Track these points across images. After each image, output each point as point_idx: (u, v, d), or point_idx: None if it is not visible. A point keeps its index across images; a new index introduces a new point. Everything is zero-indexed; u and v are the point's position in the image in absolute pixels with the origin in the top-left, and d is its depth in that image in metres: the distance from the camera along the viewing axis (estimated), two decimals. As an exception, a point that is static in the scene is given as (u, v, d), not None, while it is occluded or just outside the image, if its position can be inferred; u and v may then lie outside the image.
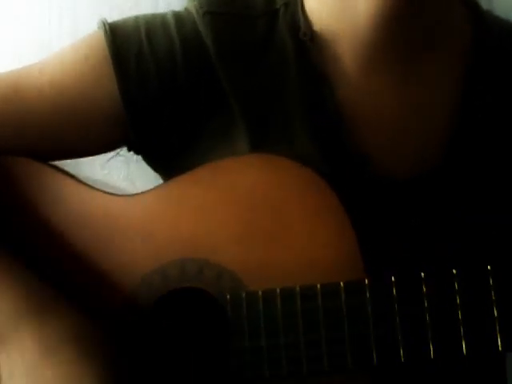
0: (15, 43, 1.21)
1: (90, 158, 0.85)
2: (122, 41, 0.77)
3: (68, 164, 0.82)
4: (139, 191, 0.77)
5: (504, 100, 0.77)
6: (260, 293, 0.67)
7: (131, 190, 0.79)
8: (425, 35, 0.75)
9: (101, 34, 0.78)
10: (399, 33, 0.73)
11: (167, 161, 0.81)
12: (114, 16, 0.81)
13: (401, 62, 0.75)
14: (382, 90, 0.76)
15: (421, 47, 0.76)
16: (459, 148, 0.75)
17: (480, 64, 0.77)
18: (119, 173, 1.15)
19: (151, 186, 0.77)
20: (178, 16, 0.79)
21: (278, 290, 0.67)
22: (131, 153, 0.84)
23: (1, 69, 0.78)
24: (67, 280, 0.73)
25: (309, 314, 0.66)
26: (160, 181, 0.83)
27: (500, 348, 0.62)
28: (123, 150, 0.85)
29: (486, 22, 0.79)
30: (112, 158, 0.87)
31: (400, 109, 0.76)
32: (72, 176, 0.78)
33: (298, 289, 0.66)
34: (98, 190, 0.76)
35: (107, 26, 0.78)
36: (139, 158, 0.85)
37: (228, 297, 0.68)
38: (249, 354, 0.67)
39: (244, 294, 0.68)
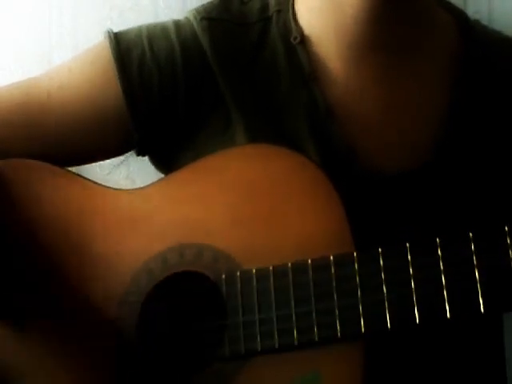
0: (15, 43, 1.21)
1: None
2: (125, 45, 0.81)
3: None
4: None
5: (494, 102, 0.80)
6: (254, 270, 0.70)
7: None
8: (409, 38, 0.79)
9: (105, 42, 0.82)
10: (383, 34, 0.77)
11: (169, 160, 0.83)
12: (113, 16, 0.81)
13: (388, 63, 0.79)
14: (370, 90, 0.79)
15: (407, 50, 0.79)
16: (450, 146, 0.78)
17: (470, 67, 0.80)
18: (119, 172, 1.16)
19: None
20: (177, 23, 0.83)
21: (271, 268, 0.70)
22: (131, 152, 0.85)
23: (1, 68, 0.78)
24: (75, 268, 0.76)
25: (300, 287, 0.69)
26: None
27: (482, 310, 0.64)
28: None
29: (475, 30, 0.83)
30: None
31: (388, 107, 0.79)
32: (81, 176, 0.81)
33: (289, 265, 0.69)
34: (102, 186, 0.79)
35: (111, 34, 0.82)
36: (139, 157, 0.86)
37: (223, 276, 0.71)
38: (243, 328, 0.70)
39: (238, 273, 0.71)
